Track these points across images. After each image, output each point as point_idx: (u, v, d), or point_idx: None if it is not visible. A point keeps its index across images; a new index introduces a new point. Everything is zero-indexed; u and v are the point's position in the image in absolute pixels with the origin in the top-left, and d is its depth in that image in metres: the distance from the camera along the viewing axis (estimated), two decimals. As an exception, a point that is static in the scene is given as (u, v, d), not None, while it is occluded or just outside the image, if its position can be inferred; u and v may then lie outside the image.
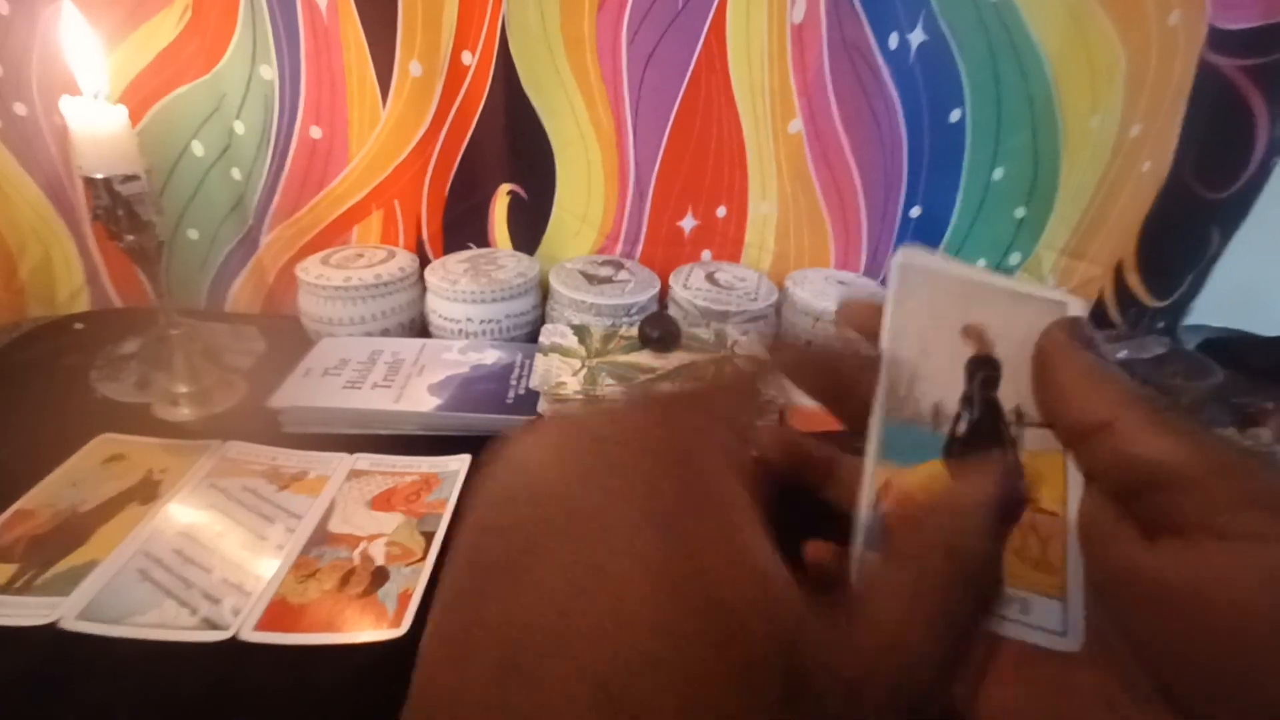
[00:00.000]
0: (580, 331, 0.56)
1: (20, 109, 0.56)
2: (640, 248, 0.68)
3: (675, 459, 0.14)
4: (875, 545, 0.18)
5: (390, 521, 0.41)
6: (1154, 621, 0.15)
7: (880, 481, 0.19)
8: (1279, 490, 0.15)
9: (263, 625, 0.34)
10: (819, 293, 0.62)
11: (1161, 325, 0.69)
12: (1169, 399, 0.16)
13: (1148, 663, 0.16)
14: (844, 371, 0.20)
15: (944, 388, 0.19)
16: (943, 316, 0.19)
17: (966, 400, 0.19)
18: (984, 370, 0.19)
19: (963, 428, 0.19)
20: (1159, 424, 0.16)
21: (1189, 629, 0.15)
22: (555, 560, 0.12)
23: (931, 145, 0.63)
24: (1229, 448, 0.15)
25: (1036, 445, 0.18)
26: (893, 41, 0.58)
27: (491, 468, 0.15)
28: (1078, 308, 0.19)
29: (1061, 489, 0.18)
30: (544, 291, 0.65)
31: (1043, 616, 0.17)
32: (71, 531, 0.38)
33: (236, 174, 0.61)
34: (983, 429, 0.19)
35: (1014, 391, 0.19)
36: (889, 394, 0.19)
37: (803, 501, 0.19)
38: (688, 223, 0.67)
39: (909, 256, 0.20)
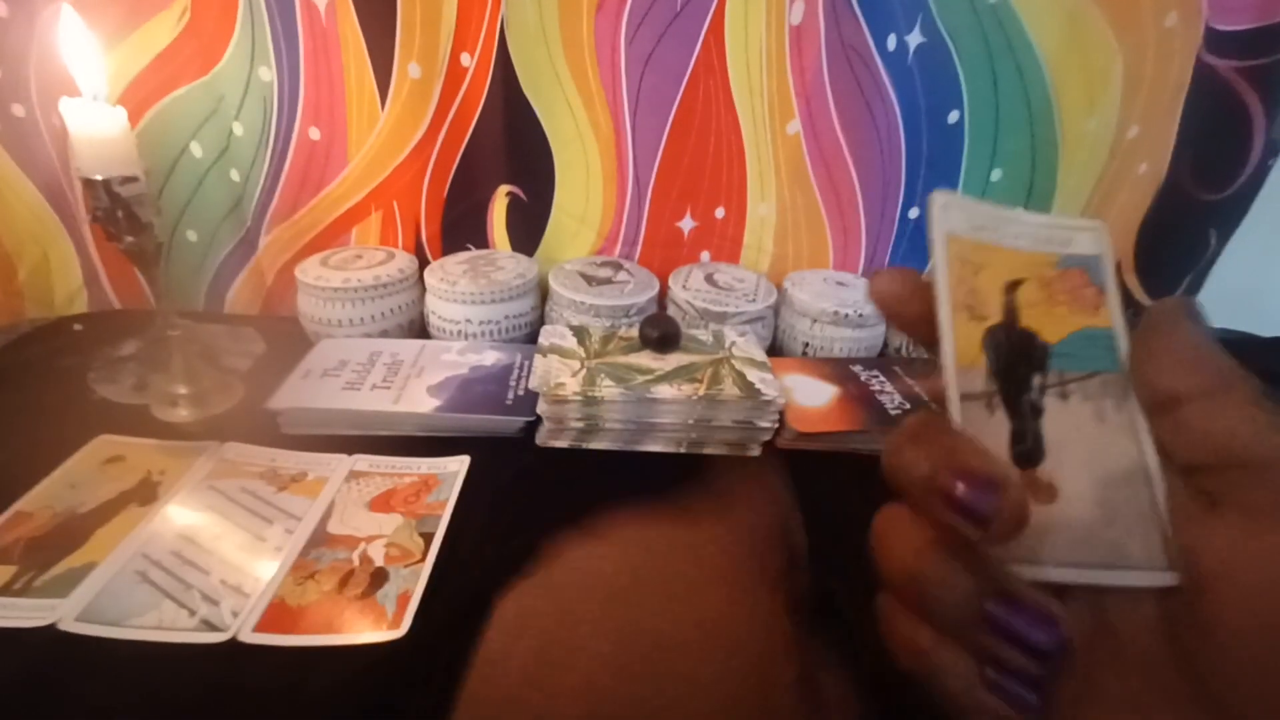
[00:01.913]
0: (579, 332, 0.56)
1: (18, 110, 0.56)
2: (639, 249, 0.68)
3: (737, 573, 0.17)
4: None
5: (389, 523, 0.41)
6: (1199, 603, 0.15)
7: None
8: None
9: (261, 627, 0.34)
10: (817, 294, 0.62)
11: (1159, 326, 0.69)
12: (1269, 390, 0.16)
13: (1186, 656, 0.15)
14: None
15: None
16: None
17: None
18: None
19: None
20: (1255, 404, 0.15)
21: (1237, 616, 0.14)
22: (637, 610, 0.15)
23: (930, 146, 0.63)
24: None
25: None
26: (891, 43, 0.58)
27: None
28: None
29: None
30: (543, 293, 0.65)
31: None
32: (70, 533, 0.38)
33: (235, 175, 0.61)
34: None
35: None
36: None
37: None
38: (686, 224, 0.67)
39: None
